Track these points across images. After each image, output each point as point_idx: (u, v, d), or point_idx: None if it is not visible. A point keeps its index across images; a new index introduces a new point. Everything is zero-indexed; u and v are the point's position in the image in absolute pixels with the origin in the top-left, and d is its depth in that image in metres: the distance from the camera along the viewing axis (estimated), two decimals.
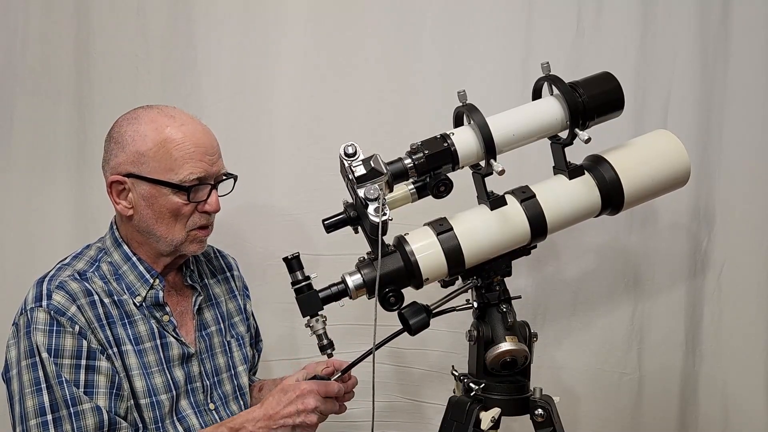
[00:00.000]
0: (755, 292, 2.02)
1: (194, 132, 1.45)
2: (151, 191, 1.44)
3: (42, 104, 1.97)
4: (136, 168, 1.43)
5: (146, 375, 1.45)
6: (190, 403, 1.52)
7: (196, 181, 1.44)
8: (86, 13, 1.95)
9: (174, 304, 1.55)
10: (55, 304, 1.38)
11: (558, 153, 1.51)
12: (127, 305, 1.47)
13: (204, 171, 1.44)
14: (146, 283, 1.49)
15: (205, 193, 1.46)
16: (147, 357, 1.47)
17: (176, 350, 1.51)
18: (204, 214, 1.48)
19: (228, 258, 1.77)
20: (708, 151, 1.99)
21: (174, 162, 1.42)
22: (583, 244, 2.03)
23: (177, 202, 1.44)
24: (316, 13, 1.96)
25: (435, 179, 1.39)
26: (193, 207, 1.46)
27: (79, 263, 1.49)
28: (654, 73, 1.97)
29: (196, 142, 1.44)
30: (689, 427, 2.08)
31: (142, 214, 1.46)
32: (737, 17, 1.95)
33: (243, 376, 1.65)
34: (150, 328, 1.48)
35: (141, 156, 1.43)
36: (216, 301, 1.66)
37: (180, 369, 1.51)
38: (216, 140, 1.50)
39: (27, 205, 1.99)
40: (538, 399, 1.49)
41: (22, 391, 1.36)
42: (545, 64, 1.46)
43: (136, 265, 1.49)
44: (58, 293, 1.39)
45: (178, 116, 1.47)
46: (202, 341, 1.58)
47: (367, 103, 1.97)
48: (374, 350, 1.39)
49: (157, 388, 1.46)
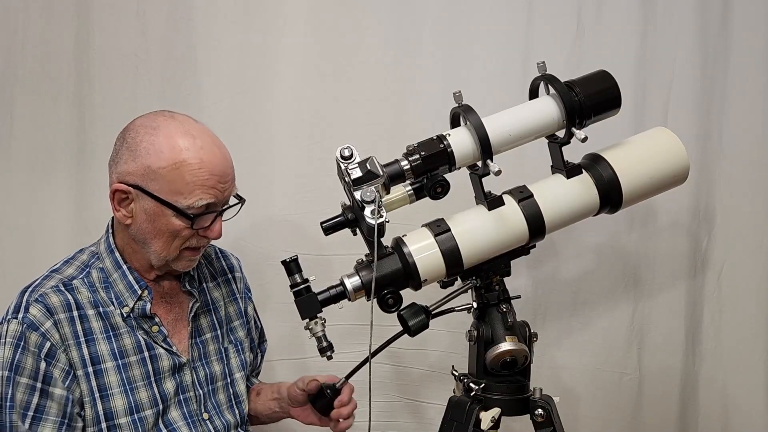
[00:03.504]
0: (755, 292, 2.02)
1: (212, 159, 1.39)
2: (155, 209, 1.39)
3: (42, 104, 1.97)
4: (144, 182, 1.38)
5: (129, 391, 1.43)
6: (182, 413, 1.50)
7: (203, 209, 1.39)
8: (86, 13, 1.95)
9: (167, 311, 1.53)
10: (30, 318, 1.36)
11: (555, 152, 1.50)
12: (113, 317, 1.44)
13: (213, 198, 1.39)
14: (134, 294, 1.45)
15: (209, 220, 1.42)
16: (131, 371, 1.44)
17: (166, 361, 1.48)
18: (203, 239, 1.44)
19: (231, 258, 1.74)
20: (708, 151, 1.99)
21: (185, 186, 1.36)
22: (583, 244, 2.03)
23: (179, 225, 1.40)
24: (316, 14, 1.96)
25: (432, 180, 1.39)
26: (195, 231, 1.42)
27: (69, 269, 1.47)
28: (654, 73, 1.97)
29: (212, 169, 1.38)
30: (689, 427, 2.08)
31: (140, 226, 1.42)
32: (737, 17, 1.95)
33: (240, 383, 1.63)
34: (137, 341, 1.46)
35: (152, 172, 1.37)
36: (214, 306, 1.63)
37: (171, 380, 1.49)
38: (232, 165, 1.44)
39: (27, 205, 1.99)
40: (538, 399, 1.49)
41: None
42: (541, 63, 1.46)
43: (125, 274, 1.46)
44: (35, 306, 1.37)
45: (198, 137, 1.39)
46: (196, 349, 1.55)
47: (367, 104, 1.97)
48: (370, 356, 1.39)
49: (141, 404, 1.44)
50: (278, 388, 1.68)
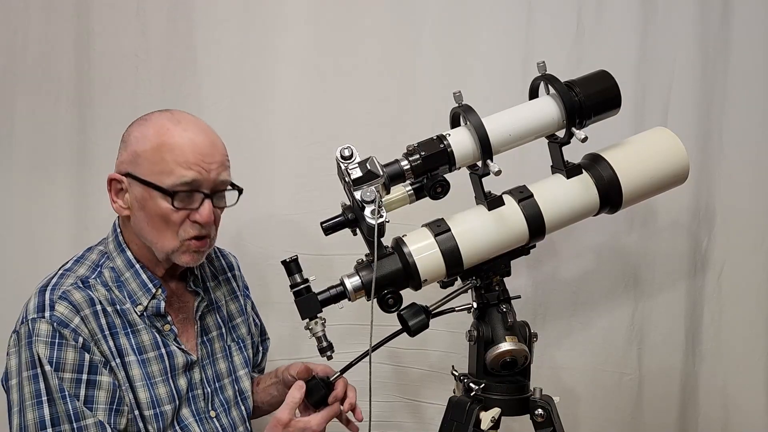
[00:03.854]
0: (755, 292, 2.02)
1: (194, 138, 1.40)
2: (143, 193, 1.40)
3: (42, 104, 1.97)
4: (132, 168, 1.41)
5: (150, 386, 1.44)
6: (191, 411, 1.51)
7: (185, 187, 1.39)
8: (86, 13, 1.95)
9: (175, 312, 1.53)
10: (58, 316, 1.35)
11: (555, 152, 1.50)
12: (130, 314, 1.45)
13: (194, 178, 1.39)
14: (148, 292, 1.46)
15: (196, 201, 1.41)
16: (150, 367, 1.45)
17: (180, 359, 1.49)
18: (196, 225, 1.43)
19: (229, 257, 1.75)
20: (708, 151, 1.99)
21: (166, 165, 1.38)
22: (583, 244, 2.03)
23: (165, 207, 1.39)
24: (316, 13, 1.96)
25: (432, 180, 1.39)
26: (184, 215, 1.41)
27: (81, 268, 1.47)
28: (654, 73, 1.97)
29: (194, 148, 1.39)
30: (689, 427, 2.08)
31: (136, 216, 1.43)
32: (737, 17, 1.95)
33: (245, 380, 1.64)
34: (153, 337, 1.47)
35: (138, 156, 1.40)
36: (217, 305, 1.64)
37: (183, 377, 1.50)
38: (222, 150, 1.45)
39: (27, 205, 1.99)
40: (538, 399, 1.48)
41: (23, 403, 1.33)
42: (541, 63, 1.46)
43: (138, 273, 1.47)
44: (61, 304, 1.37)
45: (184, 121, 1.42)
46: (204, 347, 1.56)
47: (367, 103, 1.97)
48: (370, 352, 1.39)
49: (161, 398, 1.45)
50: (276, 372, 1.70)
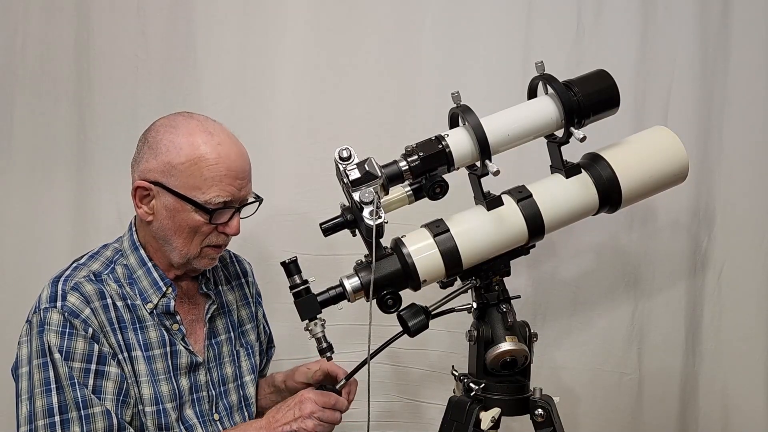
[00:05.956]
0: (755, 292, 2.02)
1: (229, 154, 1.42)
2: (175, 204, 1.42)
3: (42, 104, 1.97)
4: (164, 178, 1.42)
5: (154, 382, 1.45)
6: (195, 412, 1.52)
7: (221, 205, 1.42)
8: (86, 13, 1.96)
9: (185, 312, 1.55)
10: (70, 306, 1.38)
11: (554, 152, 1.50)
12: (140, 310, 1.47)
13: (231, 195, 1.43)
14: (159, 290, 1.48)
15: (227, 215, 1.45)
16: (156, 364, 1.47)
17: (184, 359, 1.50)
18: (222, 235, 1.47)
19: (244, 263, 1.77)
20: (708, 150, 1.99)
21: (203, 182, 1.40)
22: (583, 243, 2.03)
23: (198, 221, 1.43)
24: (316, 13, 1.97)
25: (430, 181, 1.39)
26: (214, 227, 1.46)
27: (95, 264, 1.49)
28: (654, 73, 1.97)
29: (229, 165, 1.42)
30: (689, 427, 2.08)
31: (162, 222, 1.45)
32: (737, 17, 1.95)
33: (250, 386, 1.64)
34: (161, 335, 1.48)
35: (172, 168, 1.41)
36: (228, 309, 1.65)
37: (186, 378, 1.51)
38: (249, 163, 1.48)
39: (27, 205, 1.99)
40: (538, 399, 1.49)
41: (32, 390, 1.36)
42: (539, 63, 1.46)
43: (150, 271, 1.49)
44: (73, 294, 1.40)
45: (216, 134, 1.44)
46: (211, 350, 1.57)
47: (367, 103, 1.98)
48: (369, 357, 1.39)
49: (164, 396, 1.46)
50: (272, 381, 1.71)
